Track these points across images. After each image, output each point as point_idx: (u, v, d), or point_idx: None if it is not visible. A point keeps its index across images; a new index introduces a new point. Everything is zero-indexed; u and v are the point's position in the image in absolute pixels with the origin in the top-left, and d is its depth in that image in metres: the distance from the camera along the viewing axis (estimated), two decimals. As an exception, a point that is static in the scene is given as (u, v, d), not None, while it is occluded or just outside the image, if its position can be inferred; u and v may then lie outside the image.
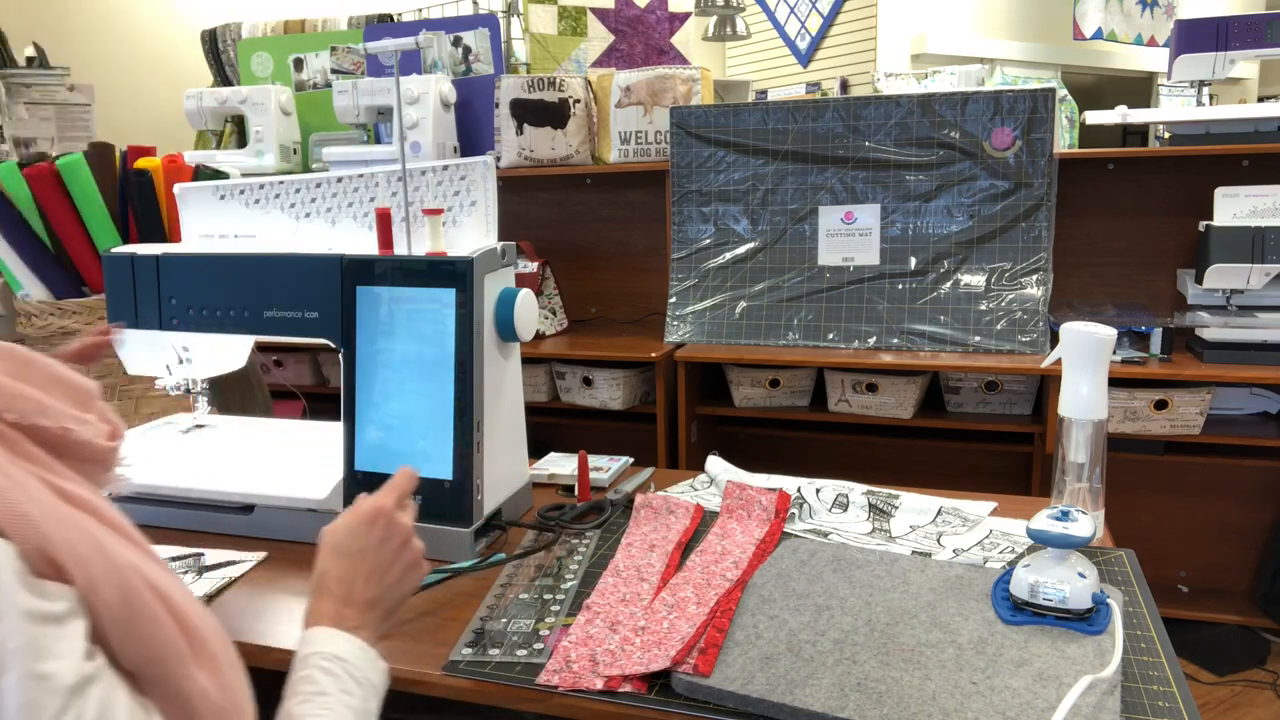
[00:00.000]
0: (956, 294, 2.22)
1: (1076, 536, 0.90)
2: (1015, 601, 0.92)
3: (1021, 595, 0.91)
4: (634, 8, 3.47)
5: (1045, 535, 0.91)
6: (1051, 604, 0.89)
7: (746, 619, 0.92)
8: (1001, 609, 0.92)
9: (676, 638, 0.88)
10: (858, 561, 1.06)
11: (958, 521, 1.20)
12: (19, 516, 0.53)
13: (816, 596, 0.97)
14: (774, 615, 0.93)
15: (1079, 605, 0.88)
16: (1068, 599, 0.88)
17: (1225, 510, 2.33)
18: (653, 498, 1.25)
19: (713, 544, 1.12)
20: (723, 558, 1.08)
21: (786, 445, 2.58)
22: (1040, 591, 0.89)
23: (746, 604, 0.95)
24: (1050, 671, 0.81)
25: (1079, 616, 0.88)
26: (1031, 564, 0.92)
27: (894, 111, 2.26)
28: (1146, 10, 5.79)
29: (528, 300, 1.17)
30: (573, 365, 2.42)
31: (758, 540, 1.13)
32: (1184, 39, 2.19)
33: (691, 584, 1.01)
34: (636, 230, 2.71)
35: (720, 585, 1.00)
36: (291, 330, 1.16)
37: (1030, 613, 0.90)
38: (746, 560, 1.07)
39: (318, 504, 1.17)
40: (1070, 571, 0.90)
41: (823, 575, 1.02)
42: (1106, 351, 1.07)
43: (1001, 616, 0.91)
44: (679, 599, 0.97)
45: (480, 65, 2.92)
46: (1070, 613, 0.88)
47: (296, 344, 2.63)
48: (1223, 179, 2.11)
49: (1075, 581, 0.89)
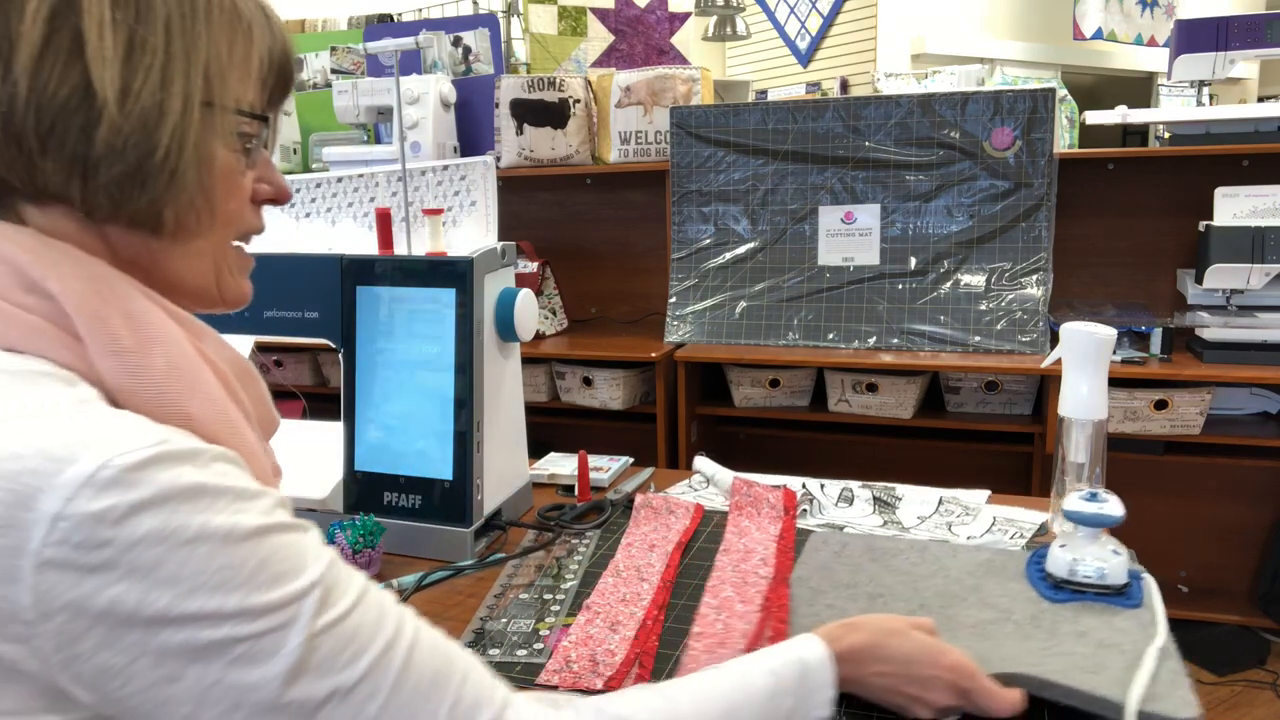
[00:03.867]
0: (956, 294, 2.22)
1: (1110, 515, 0.94)
2: (1053, 580, 0.95)
3: (1059, 573, 0.95)
4: (634, 8, 3.47)
5: (1080, 515, 0.95)
6: (1090, 580, 0.93)
7: (804, 610, 0.92)
8: (1042, 587, 0.95)
9: (737, 635, 0.88)
10: (891, 550, 1.07)
11: (960, 510, 1.21)
12: (260, 472, 0.58)
13: (864, 585, 0.98)
14: (830, 605, 0.93)
15: (1115, 581, 0.93)
16: (1105, 575, 0.92)
17: (1225, 510, 2.33)
18: (653, 498, 1.25)
19: (734, 543, 1.12)
20: (749, 555, 1.08)
21: (786, 445, 2.58)
22: (1078, 569, 0.93)
23: (799, 597, 0.95)
24: (1110, 641, 0.84)
25: (1116, 592, 0.93)
26: (1067, 543, 0.96)
27: (894, 111, 2.26)
28: (1146, 10, 5.79)
29: (528, 300, 1.17)
30: (573, 365, 2.42)
31: (775, 537, 1.13)
32: (1184, 39, 2.19)
33: (729, 583, 1.01)
34: (636, 230, 2.71)
35: (757, 582, 1.00)
36: (291, 330, 1.16)
37: (1070, 590, 0.94)
38: (773, 556, 1.07)
39: (317, 504, 1.17)
40: (1105, 549, 0.94)
41: (862, 565, 1.03)
42: (1106, 351, 1.07)
43: (1044, 594, 0.94)
44: (722, 600, 0.97)
45: (480, 65, 2.92)
46: (1107, 588, 0.93)
47: (296, 344, 2.63)
48: (1223, 179, 2.11)
49: (1111, 559, 0.93)
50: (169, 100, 0.56)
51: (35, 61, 0.53)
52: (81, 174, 0.55)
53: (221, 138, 0.60)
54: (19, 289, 0.54)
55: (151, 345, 0.56)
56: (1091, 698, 0.74)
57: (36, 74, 0.53)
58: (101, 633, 0.47)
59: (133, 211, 0.57)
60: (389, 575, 1.08)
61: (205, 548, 0.49)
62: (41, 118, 0.53)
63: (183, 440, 0.51)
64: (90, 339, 0.54)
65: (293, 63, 0.66)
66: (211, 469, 0.51)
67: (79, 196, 0.56)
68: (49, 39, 0.53)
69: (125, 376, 0.55)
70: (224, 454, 0.53)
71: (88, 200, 0.56)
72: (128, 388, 0.55)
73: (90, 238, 0.58)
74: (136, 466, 0.48)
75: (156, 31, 0.56)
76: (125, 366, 0.55)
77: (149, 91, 0.55)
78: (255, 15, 0.62)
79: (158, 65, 0.56)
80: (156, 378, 0.55)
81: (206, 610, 0.48)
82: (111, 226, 0.58)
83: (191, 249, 0.61)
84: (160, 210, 0.58)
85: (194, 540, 0.48)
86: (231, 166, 0.62)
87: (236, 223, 0.64)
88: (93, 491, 0.47)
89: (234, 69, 0.60)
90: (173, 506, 0.48)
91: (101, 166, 0.55)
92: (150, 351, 0.55)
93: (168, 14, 0.56)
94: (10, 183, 0.55)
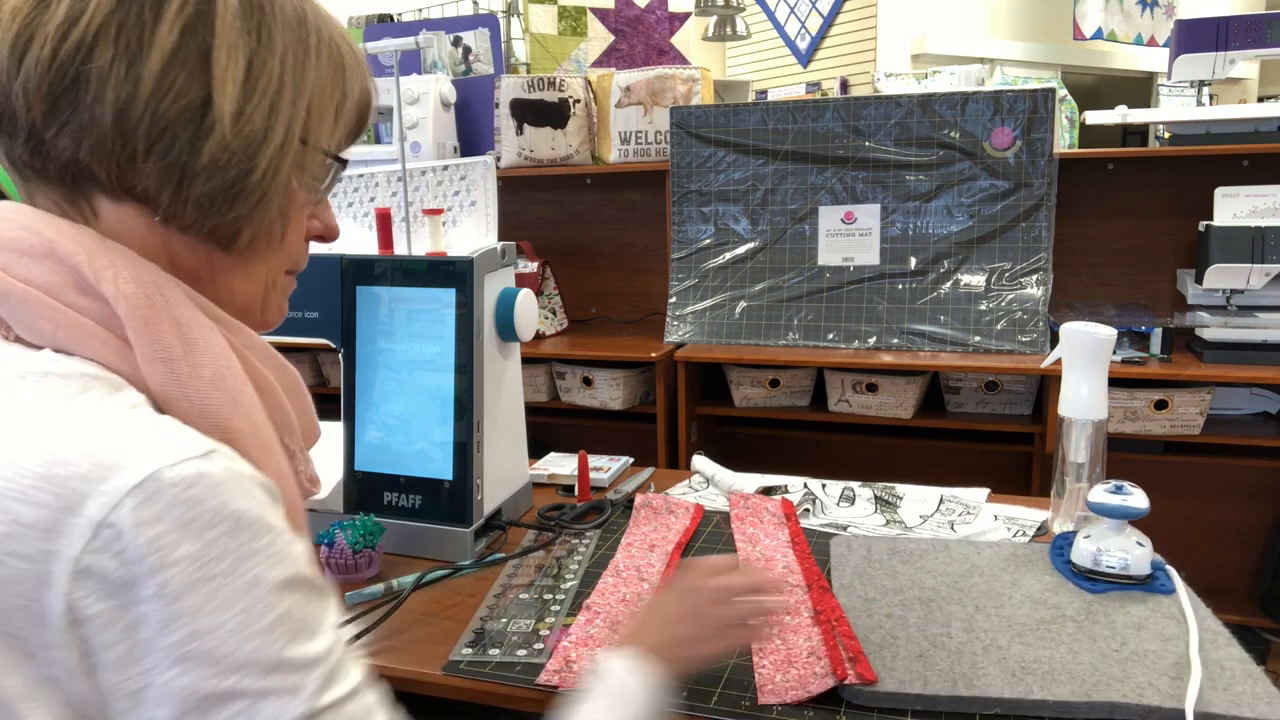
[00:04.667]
0: (956, 294, 2.22)
1: (1135, 508, 0.97)
2: (1077, 570, 0.98)
3: (1084, 564, 0.97)
4: (634, 8, 3.47)
5: (1105, 507, 0.97)
6: (1114, 571, 0.96)
7: (864, 621, 0.92)
8: (1075, 579, 0.98)
9: (805, 653, 0.88)
10: (916, 550, 1.08)
11: (961, 509, 1.22)
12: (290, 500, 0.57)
13: (908, 590, 0.98)
14: (890, 614, 0.93)
15: (1140, 571, 0.96)
16: (1129, 566, 0.96)
17: (1225, 510, 2.33)
18: (653, 498, 1.25)
19: (749, 552, 1.11)
20: (770, 563, 1.08)
21: (786, 445, 2.58)
22: (1102, 560, 0.96)
23: (853, 607, 0.95)
24: (1166, 632, 0.88)
25: (1139, 582, 0.96)
26: (1092, 535, 0.98)
27: (894, 111, 2.26)
28: (1146, 10, 5.79)
29: (528, 300, 1.17)
30: (573, 365, 2.42)
31: (787, 542, 1.13)
32: (1184, 39, 2.19)
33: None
34: (636, 230, 2.71)
35: (792, 591, 1.00)
36: (291, 330, 1.16)
37: (1103, 581, 0.97)
38: (795, 563, 1.07)
39: (317, 504, 1.17)
40: (1129, 540, 0.97)
41: (896, 569, 1.03)
42: (1106, 351, 1.07)
43: (1081, 586, 0.97)
44: None
45: (480, 65, 2.92)
46: (1131, 578, 0.96)
47: (296, 344, 2.63)
48: (1223, 179, 2.11)
49: (1135, 550, 0.96)
50: (274, 128, 0.58)
51: (163, 67, 0.54)
52: (177, 181, 0.56)
53: (305, 173, 0.62)
54: (73, 290, 0.54)
55: (199, 355, 0.56)
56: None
57: (162, 79, 0.54)
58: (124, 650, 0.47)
59: (214, 225, 0.58)
60: (389, 575, 1.08)
61: (234, 586, 0.48)
62: (156, 121, 0.55)
63: (227, 458, 0.51)
64: (139, 345, 0.55)
65: (372, 111, 0.68)
66: (255, 498, 0.51)
67: (166, 202, 0.57)
68: (180, 48, 0.55)
69: (171, 384, 0.55)
70: (265, 483, 0.53)
71: (174, 207, 0.57)
72: (173, 396, 0.55)
73: (155, 241, 0.59)
74: (184, 483, 0.48)
75: (274, 62, 0.58)
76: (172, 375, 0.55)
77: (260, 116, 0.57)
78: (353, 63, 0.65)
79: (270, 93, 0.58)
80: (202, 389, 0.56)
81: (219, 653, 0.47)
82: (183, 235, 0.59)
83: (251, 268, 0.63)
84: (240, 229, 0.60)
85: (225, 575, 0.48)
86: (304, 201, 0.64)
87: (293, 254, 0.67)
88: (137, 501, 0.46)
89: (329, 109, 0.63)
90: (214, 536, 0.48)
91: (200, 178, 0.56)
92: (198, 362, 0.56)
93: (285, 47, 0.59)
94: (98, 175, 0.56)
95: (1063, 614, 0.92)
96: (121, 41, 0.54)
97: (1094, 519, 1.00)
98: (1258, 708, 0.75)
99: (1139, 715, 0.76)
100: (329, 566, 1.07)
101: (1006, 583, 0.98)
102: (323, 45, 0.62)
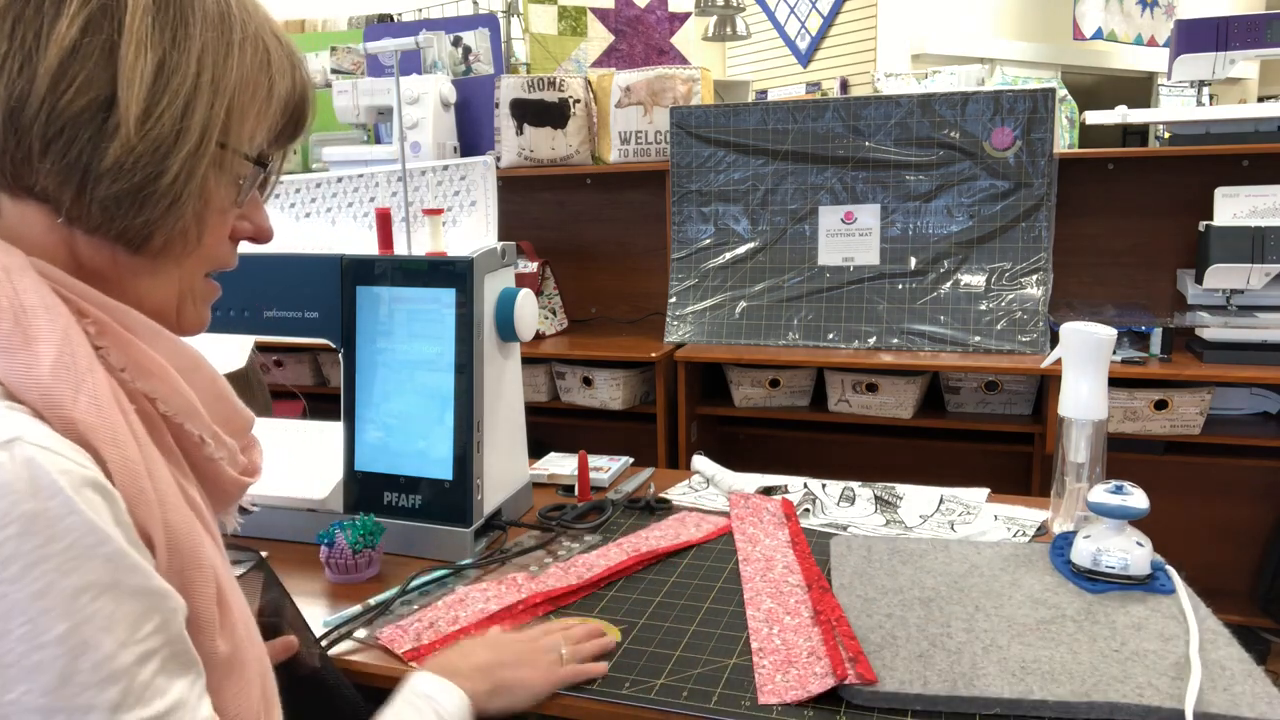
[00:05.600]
0: (956, 294, 2.22)
1: (1135, 508, 0.97)
2: (1076, 569, 0.98)
3: (1084, 564, 0.97)
4: (634, 8, 3.47)
5: (1105, 507, 0.97)
6: (1114, 571, 0.96)
7: (864, 621, 0.92)
8: (1075, 579, 0.98)
9: (805, 653, 0.88)
10: (916, 550, 1.08)
11: (961, 508, 1.22)
12: (138, 490, 0.53)
13: (907, 590, 0.98)
14: (889, 614, 0.93)
15: (1139, 571, 0.96)
16: (1130, 566, 0.96)
17: (1225, 510, 2.33)
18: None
19: (750, 552, 1.11)
20: (771, 563, 1.08)
21: (786, 445, 2.58)
22: (1102, 560, 0.96)
23: (852, 607, 0.95)
24: (1166, 632, 0.88)
25: (1138, 582, 0.96)
26: (1092, 535, 0.98)
27: (894, 111, 2.26)
28: (1146, 10, 5.79)
29: (528, 300, 1.17)
30: (573, 365, 2.42)
31: (787, 542, 1.13)
32: (1184, 39, 2.19)
33: (765, 594, 1.00)
34: (636, 230, 2.71)
35: (793, 591, 1.00)
36: (291, 330, 1.16)
37: (1102, 581, 0.97)
38: (795, 562, 1.07)
39: (317, 504, 1.17)
40: (1129, 541, 0.97)
41: (896, 568, 1.03)
42: (1106, 351, 1.07)
43: (1081, 586, 0.97)
44: (766, 612, 0.96)
45: (480, 65, 2.92)
46: (1131, 578, 0.96)
47: (296, 344, 2.63)
48: (1223, 179, 2.11)
49: (1135, 550, 0.96)
50: (188, 130, 0.56)
51: (60, 64, 0.52)
52: (79, 183, 0.54)
53: (225, 175, 0.60)
54: None
55: (38, 345, 0.52)
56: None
57: (59, 77, 0.52)
58: None
59: (122, 228, 0.56)
60: (389, 575, 1.08)
61: (18, 595, 0.46)
62: (52, 120, 0.53)
63: (33, 449, 0.48)
64: None
65: (308, 112, 0.66)
66: (57, 498, 0.48)
67: (68, 203, 0.55)
68: (80, 45, 0.52)
69: (13, 375, 0.52)
70: (93, 478, 0.50)
71: (77, 209, 0.55)
72: (20, 387, 0.52)
73: (55, 240, 0.56)
74: None
75: (189, 60, 0.55)
76: (12, 366, 0.52)
77: (171, 118, 0.55)
78: (282, 61, 0.62)
79: (184, 93, 0.55)
80: (43, 379, 0.52)
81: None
82: (89, 236, 0.57)
83: (161, 271, 0.60)
84: (151, 233, 0.57)
85: (11, 583, 0.46)
86: (225, 203, 0.61)
87: (212, 257, 0.63)
88: None
89: (252, 109, 0.60)
90: (6, 533, 0.46)
91: (104, 181, 0.54)
92: (36, 352, 0.52)
93: (203, 45, 0.56)
94: None
95: (1063, 614, 0.92)
96: (17, 36, 0.52)
97: (1094, 519, 1.00)
98: (1258, 708, 0.75)
99: (1139, 715, 0.76)
100: (329, 566, 1.07)
101: (1006, 583, 0.98)
102: (247, 41, 0.59)
